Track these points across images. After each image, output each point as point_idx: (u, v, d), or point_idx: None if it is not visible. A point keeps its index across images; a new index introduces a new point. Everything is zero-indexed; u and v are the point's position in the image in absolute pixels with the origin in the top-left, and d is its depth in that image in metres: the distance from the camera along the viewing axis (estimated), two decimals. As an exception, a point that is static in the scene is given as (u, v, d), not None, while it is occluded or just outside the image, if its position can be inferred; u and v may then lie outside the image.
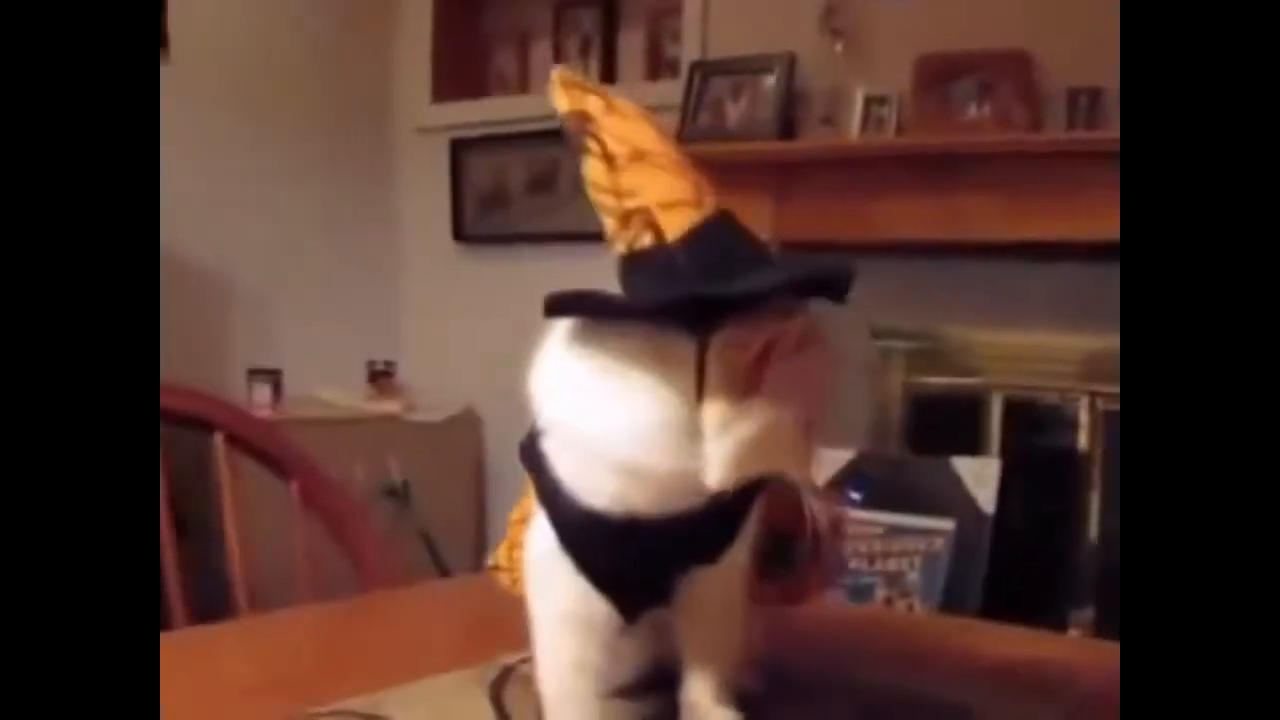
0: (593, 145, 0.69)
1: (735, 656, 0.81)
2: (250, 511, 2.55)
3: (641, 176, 0.68)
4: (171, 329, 3.31)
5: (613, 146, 0.69)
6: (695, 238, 0.67)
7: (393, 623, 1.25)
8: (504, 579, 0.88)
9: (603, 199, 0.70)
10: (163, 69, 3.39)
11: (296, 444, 1.53)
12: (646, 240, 0.67)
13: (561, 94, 0.70)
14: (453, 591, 1.32)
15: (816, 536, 0.84)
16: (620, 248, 0.69)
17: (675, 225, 0.67)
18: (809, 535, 0.82)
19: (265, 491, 1.50)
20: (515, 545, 0.85)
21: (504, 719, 0.85)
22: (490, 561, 0.89)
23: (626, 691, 0.85)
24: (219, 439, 1.42)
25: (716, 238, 0.67)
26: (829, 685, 0.97)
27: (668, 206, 0.67)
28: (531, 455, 0.74)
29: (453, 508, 3.70)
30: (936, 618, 2.34)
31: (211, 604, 1.39)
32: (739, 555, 0.77)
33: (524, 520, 0.85)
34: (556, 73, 0.71)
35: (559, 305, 0.66)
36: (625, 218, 0.68)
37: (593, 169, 0.70)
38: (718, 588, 0.78)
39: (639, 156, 0.68)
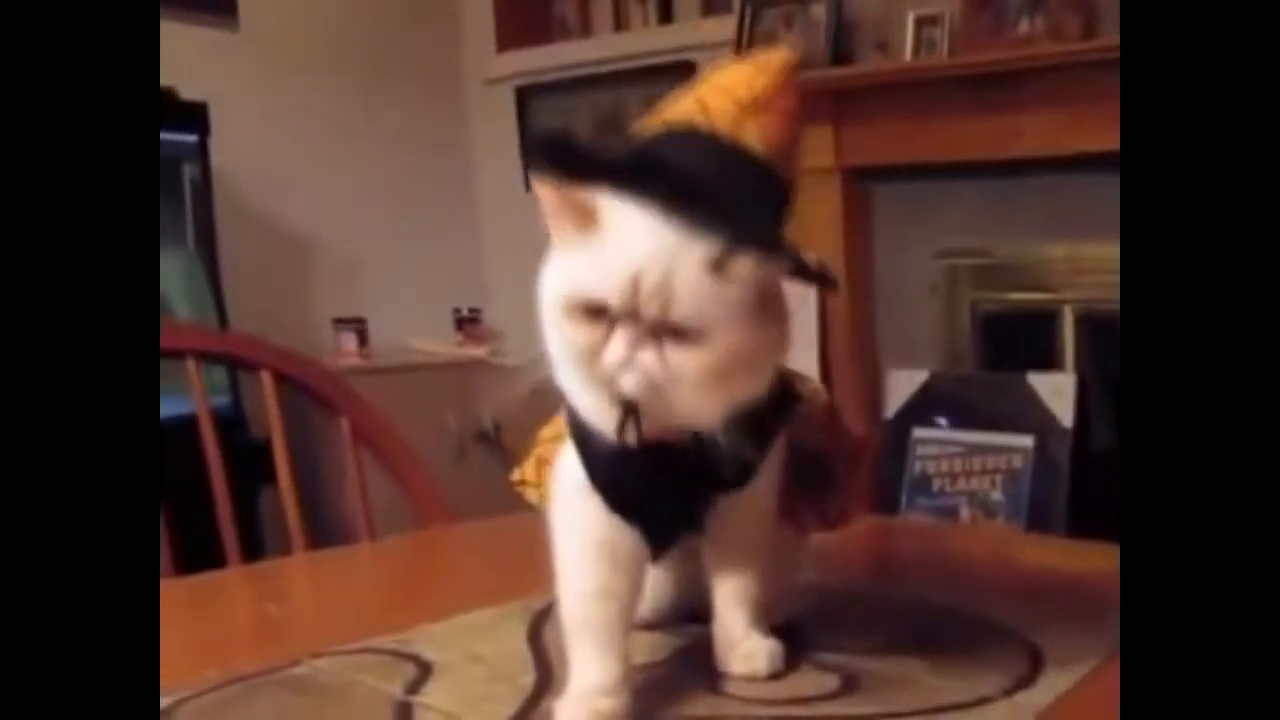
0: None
1: (767, 583, 0.75)
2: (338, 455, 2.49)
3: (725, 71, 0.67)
4: (258, 288, 3.28)
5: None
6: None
7: (445, 558, 1.18)
8: (531, 494, 0.82)
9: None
10: (238, 36, 3.39)
11: (345, 381, 1.44)
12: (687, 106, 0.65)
13: None
14: (512, 527, 1.25)
15: (854, 457, 0.77)
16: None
17: (718, 108, 0.65)
18: (845, 457, 0.75)
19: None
20: (544, 461, 0.80)
21: (538, 656, 0.77)
22: (517, 475, 0.83)
23: (655, 625, 0.79)
24: (266, 377, 1.35)
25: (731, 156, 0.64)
26: (872, 607, 0.89)
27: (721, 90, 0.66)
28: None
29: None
30: (1014, 533, 2.24)
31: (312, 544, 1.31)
32: (766, 480, 0.73)
33: (555, 438, 0.79)
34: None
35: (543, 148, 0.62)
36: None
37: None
38: (747, 513, 0.73)
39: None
